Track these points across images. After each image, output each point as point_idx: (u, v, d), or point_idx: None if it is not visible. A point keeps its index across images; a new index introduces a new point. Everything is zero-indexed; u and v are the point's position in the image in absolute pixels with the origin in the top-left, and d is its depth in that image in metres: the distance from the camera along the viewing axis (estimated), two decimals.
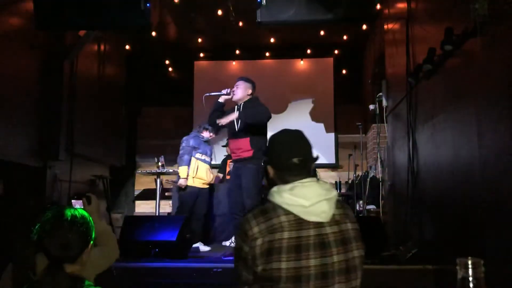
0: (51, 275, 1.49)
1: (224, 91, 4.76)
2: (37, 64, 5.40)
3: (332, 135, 8.51)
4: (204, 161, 5.80)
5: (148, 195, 8.31)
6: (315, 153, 1.79)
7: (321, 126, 8.51)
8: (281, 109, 8.56)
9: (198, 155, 5.78)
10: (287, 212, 1.59)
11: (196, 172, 5.71)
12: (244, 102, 4.74)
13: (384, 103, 5.62)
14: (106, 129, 7.25)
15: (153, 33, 7.40)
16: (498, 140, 2.53)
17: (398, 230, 4.87)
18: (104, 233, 2.17)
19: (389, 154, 5.46)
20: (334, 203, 1.64)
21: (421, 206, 4.07)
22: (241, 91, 4.75)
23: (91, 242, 1.68)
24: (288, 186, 1.63)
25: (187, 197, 5.70)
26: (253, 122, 4.56)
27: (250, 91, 4.78)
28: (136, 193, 8.58)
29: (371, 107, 6.07)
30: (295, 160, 1.67)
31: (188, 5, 6.79)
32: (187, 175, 5.66)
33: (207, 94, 4.86)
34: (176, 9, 6.96)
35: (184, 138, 5.90)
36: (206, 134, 5.88)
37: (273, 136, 1.80)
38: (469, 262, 0.91)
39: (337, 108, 8.58)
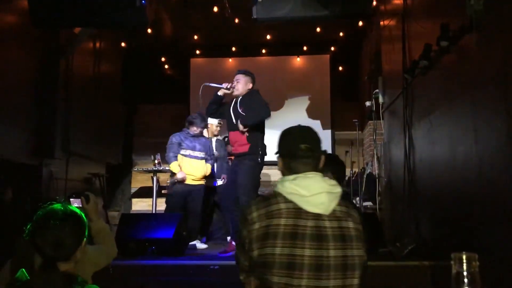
0: (44, 274, 1.48)
1: (224, 85, 4.72)
2: (32, 62, 5.37)
3: (328, 132, 8.50)
4: (189, 156, 5.68)
5: (144, 193, 8.30)
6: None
7: (317, 123, 8.51)
8: (277, 106, 8.54)
9: (182, 151, 5.68)
10: (287, 201, 1.62)
11: (181, 168, 5.61)
12: (243, 96, 4.70)
13: (381, 99, 5.62)
14: (102, 127, 7.22)
15: (149, 30, 7.38)
16: (494, 136, 2.54)
17: (395, 226, 4.88)
18: (102, 231, 2.17)
19: (386, 151, 5.47)
20: (337, 198, 1.66)
21: (418, 203, 4.07)
22: (241, 86, 4.71)
23: (85, 239, 1.66)
24: (291, 177, 1.67)
25: (176, 194, 5.63)
26: (253, 124, 4.55)
27: (250, 85, 4.76)
28: (133, 191, 8.57)
29: (368, 103, 6.07)
30: (302, 146, 1.70)
31: (184, 2, 6.77)
32: (181, 168, 5.60)
33: (207, 83, 4.83)
34: (172, 6, 6.93)
35: (171, 136, 5.85)
36: (194, 129, 5.80)
37: (284, 130, 1.85)
38: (464, 257, 0.92)
39: (334, 105, 8.57)
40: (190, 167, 5.65)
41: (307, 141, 1.73)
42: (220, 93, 4.76)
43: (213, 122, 5.93)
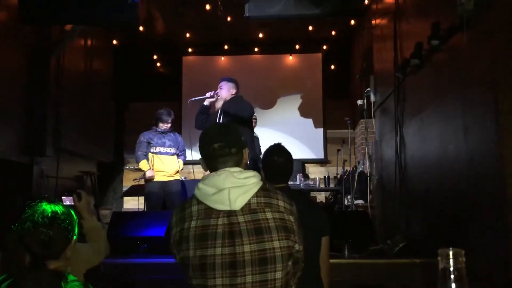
0: (32, 272, 1.47)
1: (208, 94, 4.82)
2: (22, 59, 5.33)
3: (320, 130, 8.53)
4: (160, 153, 5.73)
5: (136, 191, 8.25)
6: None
7: (309, 121, 8.53)
8: (269, 104, 8.56)
9: (152, 149, 5.74)
10: (199, 202, 1.60)
11: (153, 166, 5.68)
12: (227, 102, 4.80)
13: (372, 98, 5.64)
14: (94, 125, 7.18)
15: (141, 28, 7.35)
16: (484, 134, 2.56)
17: (386, 224, 4.90)
18: (94, 229, 2.17)
19: (377, 149, 5.49)
20: (250, 191, 1.59)
21: (409, 200, 4.10)
22: (224, 92, 4.81)
23: (75, 237, 1.65)
24: (206, 177, 1.65)
25: (152, 192, 5.69)
26: (235, 113, 4.61)
27: (233, 91, 4.85)
28: (124, 189, 8.52)
29: (359, 102, 6.09)
30: (215, 145, 1.67)
31: (176, 0, 6.74)
32: (151, 167, 5.66)
33: (192, 99, 4.99)
34: (164, 4, 6.91)
35: (140, 134, 5.91)
36: (160, 125, 5.80)
37: (204, 130, 1.82)
38: (450, 252, 0.92)
39: (326, 103, 8.60)
40: (161, 163, 5.71)
41: (221, 139, 1.69)
42: (205, 103, 4.85)
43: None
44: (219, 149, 1.67)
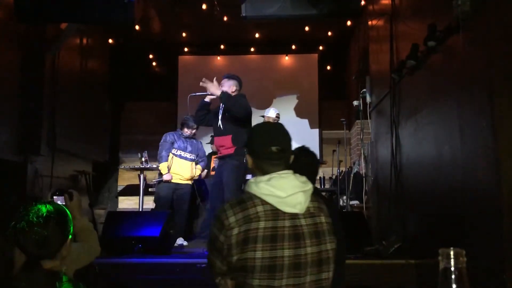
0: (27, 272, 1.46)
1: (209, 91, 4.74)
2: (18, 58, 5.29)
3: (316, 131, 8.53)
4: (180, 156, 5.82)
5: (131, 190, 8.24)
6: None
7: (305, 122, 8.53)
8: (265, 104, 8.52)
9: (174, 151, 5.83)
10: (264, 202, 1.61)
11: (171, 167, 5.75)
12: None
13: (368, 99, 5.65)
14: (89, 124, 7.15)
15: (137, 27, 7.32)
16: (480, 135, 2.57)
17: (382, 225, 4.91)
18: (85, 229, 2.15)
19: (373, 150, 5.50)
20: (310, 195, 1.66)
21: (404, 201, 4.10)
22: (225, 89, 4.72)
23: (70, 236, 1.64)
24: (265, 177, 1.65)
25: (162, 192, 5.77)
26: (232, 108, 4.54)
27: (234, 88, 4.79)
28: (119, 188, 8.50)
29: (355, 103, 6.10)
30: (273, 148, 1.68)
31: (172, 0, 6.73)
32: (168, 170, 5.73)
33: (193, 94, 4.91)
34: (160, 3, 6.89)
35: (164, 134, 5.97)
36: (185, 130, 5.87)
37: (253, 127, 1.84)
38: (451, 252, 0.92)
39: (322, 104, 8.60)
40: (179, 167, 5.79)
41: (279, 141, 1.71)
42: (206, 99, 4.82)
43: (271, 115, 6.10)
44: (277, 152, 1.69)
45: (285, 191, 1.60)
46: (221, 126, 4.72)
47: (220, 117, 4.74)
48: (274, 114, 6.06)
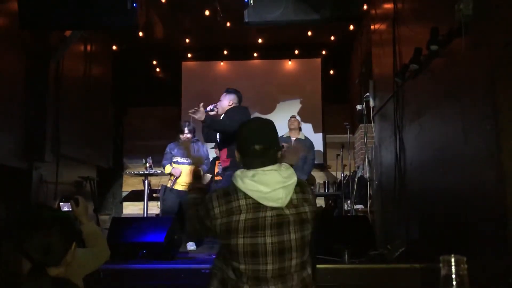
0: (33, 280, 1.45)
1: (208, 108, 4.87)
2: (21, 65, 5.32)
3: (320, 135, 8.53)
4: (177, 162, 5.90)
5: (136, 196, 8.25)
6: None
7: (309, 126, 8.53)
8: (269, 109, 8.56)
9: (173, 159, 5.93)
10: (247, 196, 1.73)
11: (172, 176, 5.86)
12: (225, 112, 4.88)
13: (371, 103, 5.65)
14: (93, 130, 7.17)
15: (140, 34, 7.36)
16: (483, 139, 2.56)
17: (386, 229, 4.90)
18: (93, 234, 2.16)
19: (377, 154, 5.49)
20: (292, 189, 1.76)
21: (408, 205, 4.09)
22: (224, 103, 4.91)
23: (75, 243, 1.64)
24: (250, 173, 1.76)
25: (168, 201, 5.85)
26: (219, 130, 4.78)
27: (232, 102, 4.91)
28: (124, 194, 8.52)
29: (358, 107, 6.10)
30: (256, 147, 1.78)
31: (175, 5, 6.76)
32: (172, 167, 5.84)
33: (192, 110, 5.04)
34: (163, 9, 6.92)
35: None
36: (180, 136, 5.92)
37: (242, 124, 1.91)
38: (452, 259, 0.92)
39: (325, 108, 8.60)
40: (184, 174, 5.77)
41: (262, 140, 1.80)
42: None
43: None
44: (260, 150, 1.78)
45: (269, 187, 1.71)
46: (219, 140, 4.93)
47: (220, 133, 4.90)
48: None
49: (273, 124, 1.90)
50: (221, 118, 4.87)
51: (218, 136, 4.91)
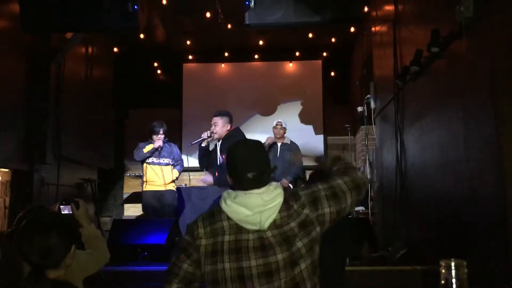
0: (33, 282, 1.45)
1: (204, 135, 4.84)
2: (23, 67, 5.34)
3: (321, 137, 8.52)
4: (153, 163, 5.83)
5: (137, 198, 8.23)
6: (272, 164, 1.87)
7: (310, 128, 8.53)
8: (270, 111, 8.56)
9: (147, 160, 5.85)
10: (229, 218, 1.69)
11: (147, 177, 5.82)
12: (223, 140, 4.79)
13: (372, 104, 5.65)
14: (94, 132, 7.18)
15: (141, 36, 7.36)
16: (484, 141, 2.56)
17: (387, 231, 4.89)
18: (93, 237, 2.16)
19: (378, 156, 5.49)
20: (275, 210, 1.68)
21: (410, 207, 4.09)
22: (219, 129, 4.81)
23: (74, 245, 1.64)
24: (233, 194, 1.72)
25: (145, 200, 5.83)
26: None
27: (228, 126, 4.84)
28: (125, 196, 8.50)
29: (359, 109, 6.09)
30: (249, 175, 1.71)
31: (176, 8, 6.76)
32: (146, 176, 5.82)
33: (190, 144, 5.12)
34: (164, 12, 6.93)
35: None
36: (154, 137, 5.86)
37: (232, 147, 1.83)
38: (452, 263, 0.92)
39: (326, 110, 8.60)
40: (154, 174, 5.80)
41: (255, 167, 1.73)
42: (203, 144, 4.90)
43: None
44: (253, 178, 1.72)
45: (250, 210, 1.66)
46: (219, 161, 4.81)
47: (219, 154, 4.81)
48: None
49: (262, 147, 1.86)
50: (219, 145, 4.83)
51: (219, 158, 4.81)
